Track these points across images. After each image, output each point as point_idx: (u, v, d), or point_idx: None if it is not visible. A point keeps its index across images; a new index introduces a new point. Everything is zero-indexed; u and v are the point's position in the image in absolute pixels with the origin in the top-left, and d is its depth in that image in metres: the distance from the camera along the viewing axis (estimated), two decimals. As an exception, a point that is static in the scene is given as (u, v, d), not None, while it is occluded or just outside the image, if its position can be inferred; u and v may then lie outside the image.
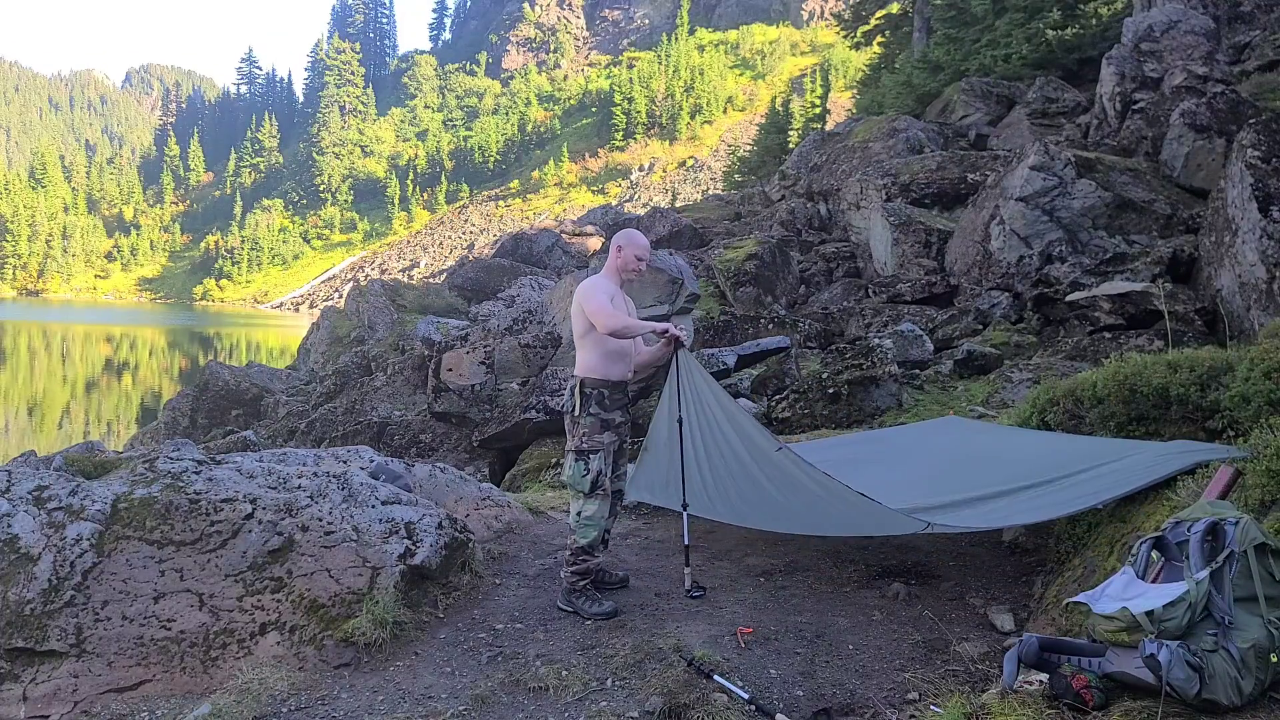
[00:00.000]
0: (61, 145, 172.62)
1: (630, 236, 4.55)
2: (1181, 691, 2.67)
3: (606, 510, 4.44)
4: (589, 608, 4.35)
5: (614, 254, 4.52)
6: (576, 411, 4.38)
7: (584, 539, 4.40)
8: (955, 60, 24.32)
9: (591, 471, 4.35)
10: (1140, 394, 4.75)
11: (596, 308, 4.27)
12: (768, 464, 4.72)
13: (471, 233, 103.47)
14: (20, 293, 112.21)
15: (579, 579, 4.42)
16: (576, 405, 4.38)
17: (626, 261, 4.48)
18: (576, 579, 4.41)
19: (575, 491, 4.42)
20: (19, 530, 4.08)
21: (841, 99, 65.91)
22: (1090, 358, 9.12)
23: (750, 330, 13.05)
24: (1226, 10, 17.43)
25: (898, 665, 3.80)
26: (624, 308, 4.44)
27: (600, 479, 4.37)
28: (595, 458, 4.36)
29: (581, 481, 4.36)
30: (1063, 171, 12.43)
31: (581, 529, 4.40)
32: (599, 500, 4.39)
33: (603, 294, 4.35)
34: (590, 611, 4.33)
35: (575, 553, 4.42)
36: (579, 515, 4.41)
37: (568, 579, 4.44)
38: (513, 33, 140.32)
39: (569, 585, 4.43)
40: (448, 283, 25.51)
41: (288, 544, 4.29)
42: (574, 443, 4.40)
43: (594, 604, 4.37)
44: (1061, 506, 4.17)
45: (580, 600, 4.38)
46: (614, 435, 4.44)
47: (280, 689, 3.73)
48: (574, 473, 4.39)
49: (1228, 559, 2.79)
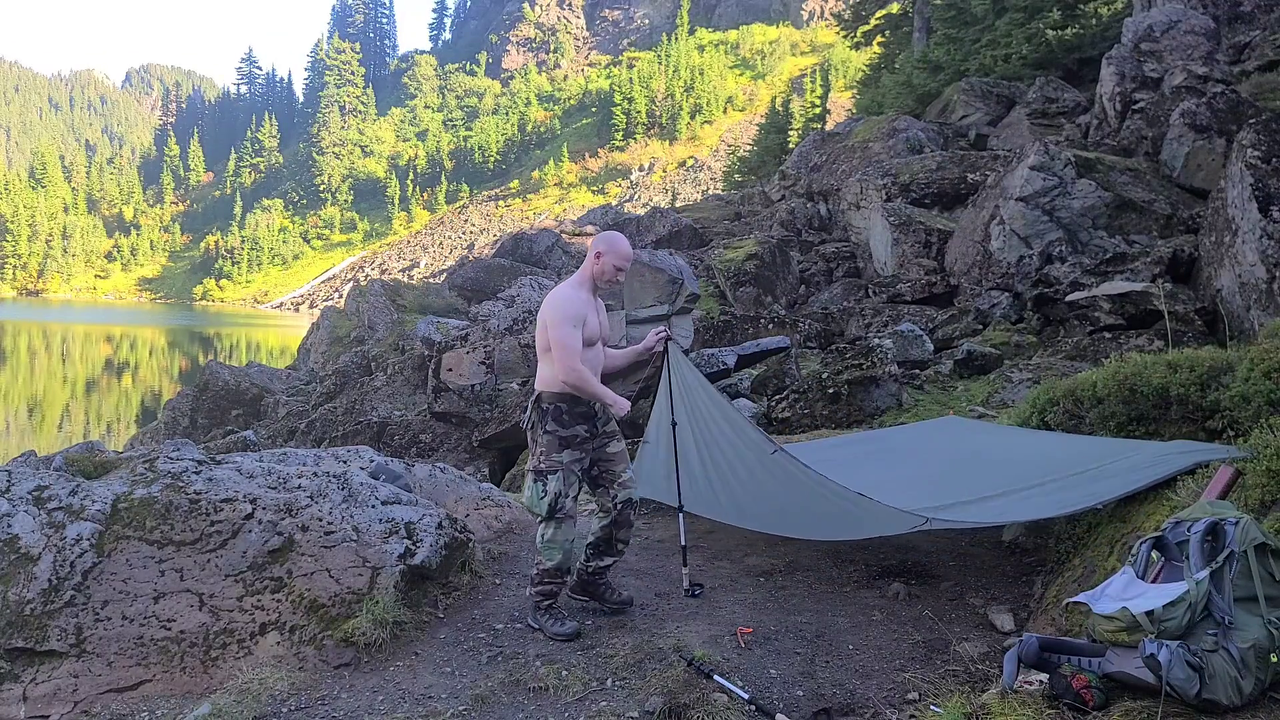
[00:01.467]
0: (61, 145, 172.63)
1: (612, 243, 4.17)
2: (1181, 691, 2.67)
3: (571, 533, 4.16)
4: (551, 626, 4.18)
5: (591, 259, 4.15)
6: (534, 428, 4.13)
7: (550, 561, 4.15)
8: (955, 60, 24.33)
9: (549, 493, 4.05)
10: (1140, 394, 4.75)
11: (560, 340, 3.97)
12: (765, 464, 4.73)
13: (471, 233, 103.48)
14: (20, 293, 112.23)
15: (542, 598, 4.23)
16: (534, 421, 4.13)
17: (604, 270, 4.13)
18: (540, 598, 4.23)
19: (536, 517, 4.17)
20: (19, 530, 4.08)
21: (841, 99, 65.92)
22: (1090, 358, 9.12)
23: (750, 330, 13.06)
24: (1226, 10, 17.43)
25: (898, 665, 3.80)
26: (595, 324, 4.15)
27: (560, 501, 4.08)
28: (553, 479, 4.06)
29: (539, 504, 4.09)
30: (1063, 171, 12.43)
31: (545, 550, 4.15)
32: (560, 523, 4.11)
33: (569, 321, 3.99)
34: (552, 630, 4.15)
35: (542, 573, 4.20)
36: (542, 537, 4.15)
37: (532, 596, 4.26)
38: (513, 33, 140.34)
39: (534, 603, 4.27)
40: (448, 283, 25.51)
41: (288, 544, 4.29)
42: (532, 462, 4.15)
43: (557, 623, 4.19)
44: (1061, 506, 4.17)
45: (544, 619, 4.22)
46: (577, 453, 4.11)
47: (280, 689, 3.73)
48: (532, 495, 4.12)
49: (1228, 559, 2.79)
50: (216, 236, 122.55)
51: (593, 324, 4.13)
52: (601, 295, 4.31)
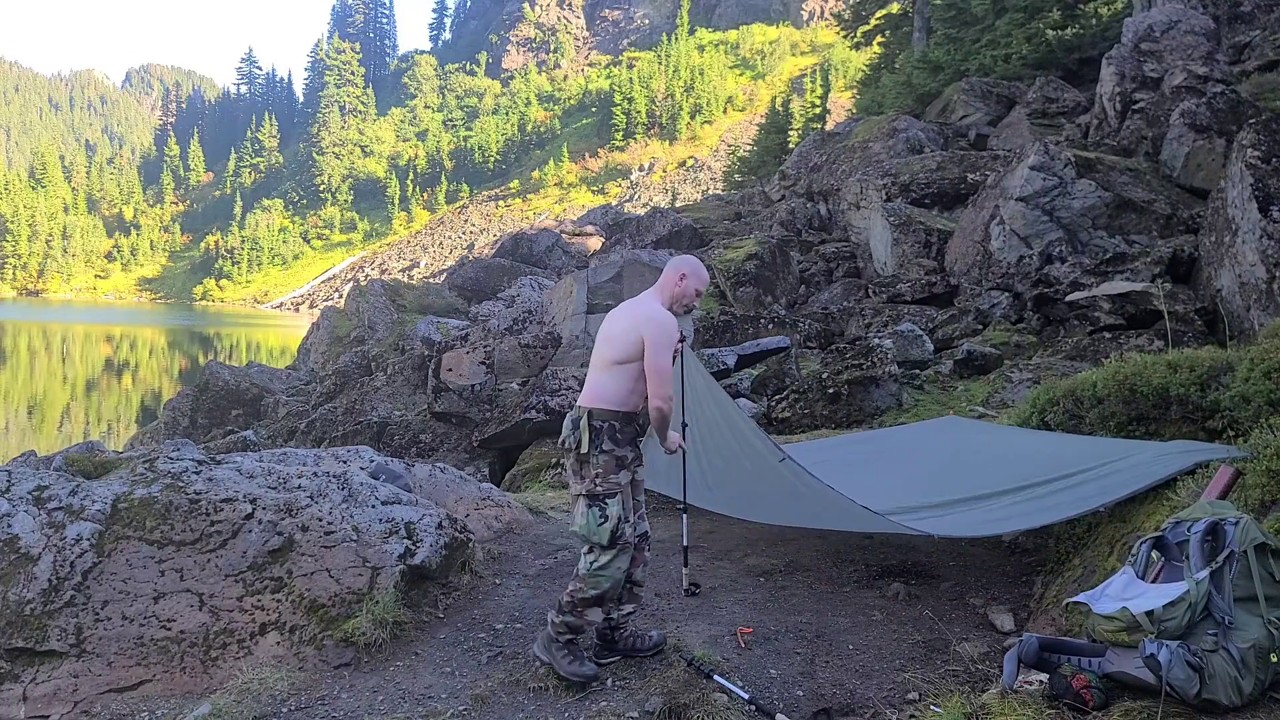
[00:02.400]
0: (61, 145, 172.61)
1: (696, 267, 3.96)
2: (1181, 691, 2.67)
3: (626, 563, 3.75)
4: (569, 664, 3.70)
5: (674, 280, 3.89)
6: (584, 448, 3.67)
7: (593, 589, 3.68)
8: (955, 60, 24.32)
9: (610, 519, 3.64)
10: (1140, 394, 4.75)
11: (663, 365, 3.68)
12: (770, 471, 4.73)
13: (471, 233, 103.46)
14: (20, 293, 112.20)
15: (567, 631, 3.74)
16: (584, 440, 3.68)
17: (685, 293, 3.90)
18: (565, 630, 3.74)
19: (591, 543, 3.72)
20: (19, 530, 4.08)
21: (841, 99, 65.90)
22: (1090, 358, 9.12)
23: (750, 330, 13.06)
24: (1226, 10, 17.43)
25: (898, 665, 3.80)
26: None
27: (620, 527, 3.66)
28: (613, 503, 3.65)
29: (599, 532, 3.64)
30: (1063, 171, 12.44)
31: (593, 578, 3.68)
32: (619, 552, 3.69)
33: (670, 347, 3.72)
34: (569, 669, 3.69)
35: (579, 602, 3.70)
36: (593, 564, 3.69)
37: (554, 625, 3.74)
38: (513, 33, 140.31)
39: (553, 633, 3.76)
40: (448, 283, 25.53)
41: (288, 544, 4.29)
42: (585, 485, 3.68)
43: (576, 661, 3.71)
44: (1063, 510, 4.17)
45: (560, 654, 3.73)
46: (628, 474, 3.77)
47: (280, 689, 3.73)
48: (589, 522, 3.66)
49: (1228, 559, 2.79)
50: (216, 236, 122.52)
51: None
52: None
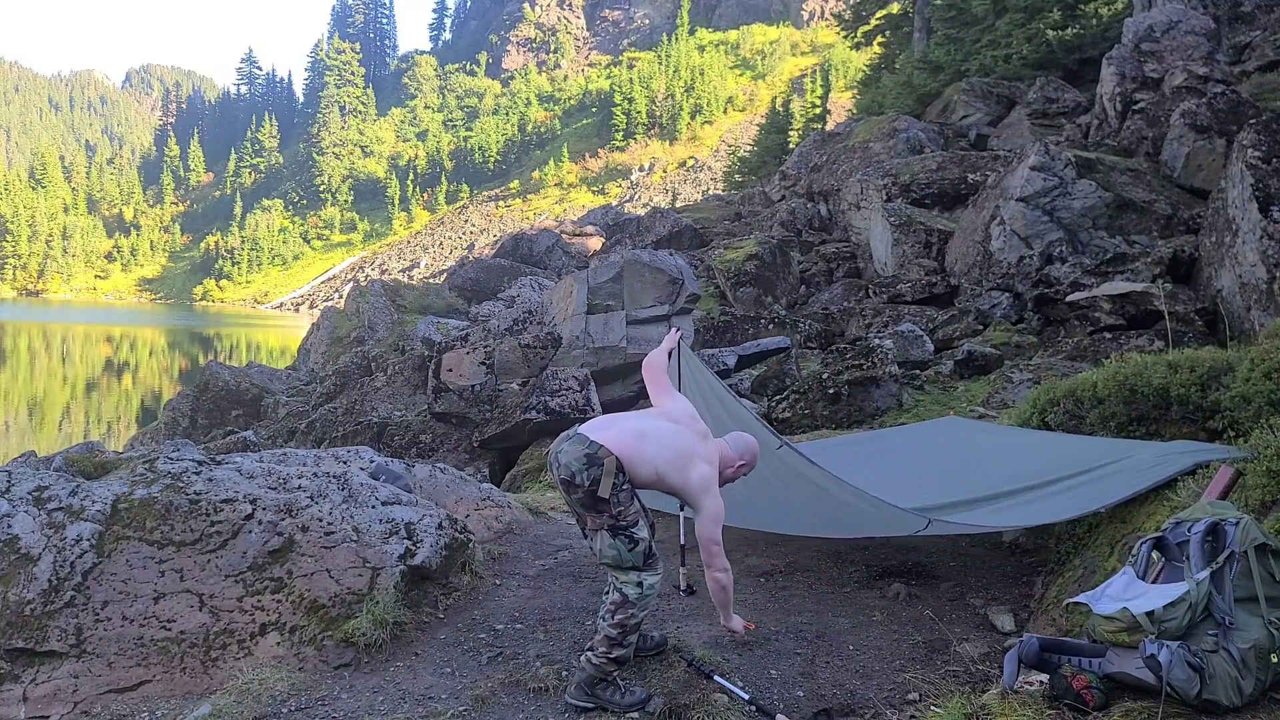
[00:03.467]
0: (61, 145, 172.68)
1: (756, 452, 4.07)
2: (1182, 692, 2.67)
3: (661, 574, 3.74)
4: (622, 698, 3.54)
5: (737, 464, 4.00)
6: (604, 492, 3.59)
7: (642, 611, 3.61)
8: (955, 60, 24.32)
9: (641, 543, 3.61)
10: (1140, 394, 4.75)
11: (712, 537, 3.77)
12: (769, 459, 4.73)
13: (471, 233, 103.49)
14: (20, 293, 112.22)
15: (615, 667, 3.56)
16: (605, 485, 3.59)
17: (738, 475, 4.03)
18: (613, 666, 3.56)
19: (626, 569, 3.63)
20: (19, 530, 4.08)
21: (841, 99, 65.89)
22: (1090, 358, 9.12)
23: (750, 330, 13.07)
24: (1227, 10, 17.43)
25: (898, 666, 3.80)
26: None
27: (651, 545, 3.66)
28: (639, 528, 3.63)
29: (632, 556, 3.61)
30: (1063, 172, 12.44)
31: (642, 600, 3.60)
32: (655, 568, 3.68)
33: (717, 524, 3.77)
34: (625, 703, 3.53)
35: (626, 629, 3.56)
36: (640, 585, 3.60)
37: (600, 666, 3.55)
38: (513, 33, 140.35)
39: (599, 674, 3.56)
40: (448, 283, 25.52)
41: (288, 544, 4.29)
42: (606, 520, 3.61)
43: (626, 693, 3.57)
44: (1063, 510, 4.17)
45: (607, 692, 3.55)
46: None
47: (280, 689, 3.73)
48: (619, 552, 3.60)
49: (1228, 559, 2.79)
50: (216, 237, 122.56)
51: None
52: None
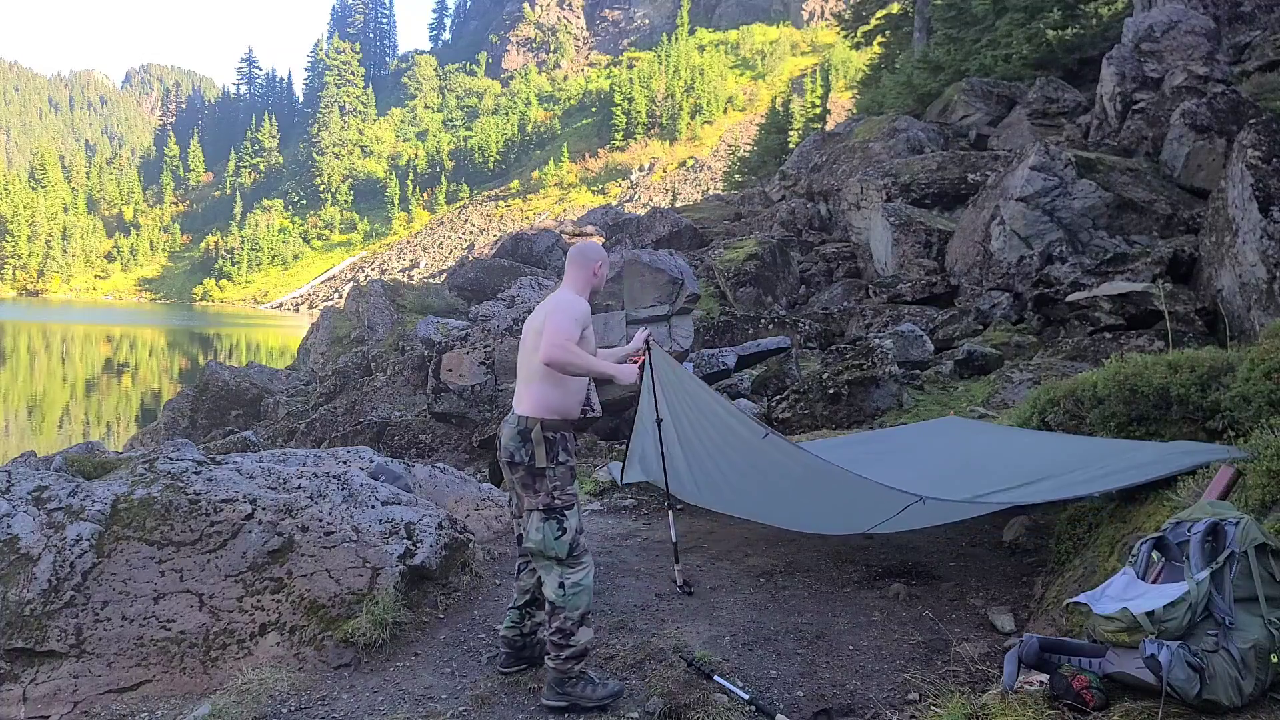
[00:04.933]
0: (61, 145, 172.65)
1: (602, 252, 3.89)
2: (1182, 692, 2.67)
3: (592, 571, 3.66)
4: (593, 692, 3.53)
5: (590, 271, 3.81)
6: (540, 462, 3.55)
7: (576, 610, 3.54)
8: (955, 60, 24.31)
9: (569, 531, 3.55)
10: (1141, 394, 4.75)
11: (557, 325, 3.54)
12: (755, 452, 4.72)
13: (471, 233, 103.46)
14: (20, 293, 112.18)
15: (574, 663, 3.55)
16: (540, 454, 3.55)
17: (602, 280, 3.88)
18: (572, 664, 3.54)
19: (548, 559, 3.58)
20: (19, 530, 4.07)
21: (841, 99, 65.88)
22: (1090, 358, 9.12)
23: (750, 330, 13.06)
24: (1227, 10, 17.43)
25: (898, 666, 3.80)
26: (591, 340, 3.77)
27: (577, 540, 3.59)
28: (571, 514, 3.58)
29: (558, 545, 3.53)
30: (1063, 171, 12.43)
31: (572, 599, 3.54)
32: (581, 558, 3.60)
33: (577, 322, 3.61)
34: (597, 696, 3.52)
35: (565, 633, 3.52)
36: (562, 585, 3.54)
37: (558, 668, 3.54)
38: (513, 33, 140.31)
39: (561, 674, 3.54)
40: (448, 283, 25.49)
41: (288, 544, 4.29)
42: (540, 499, 3.56)
43: (596, 687, 3.55)
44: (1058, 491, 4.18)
45: (579, 688, 3.54)
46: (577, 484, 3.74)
47: (280, 689, 3.72)
48: (545, 536, 3.54)
49: (1228, 559, 2.79)
50: (216, 237, 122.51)
51: (592, 338, 3.76)
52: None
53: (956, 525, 5.70)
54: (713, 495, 5.37)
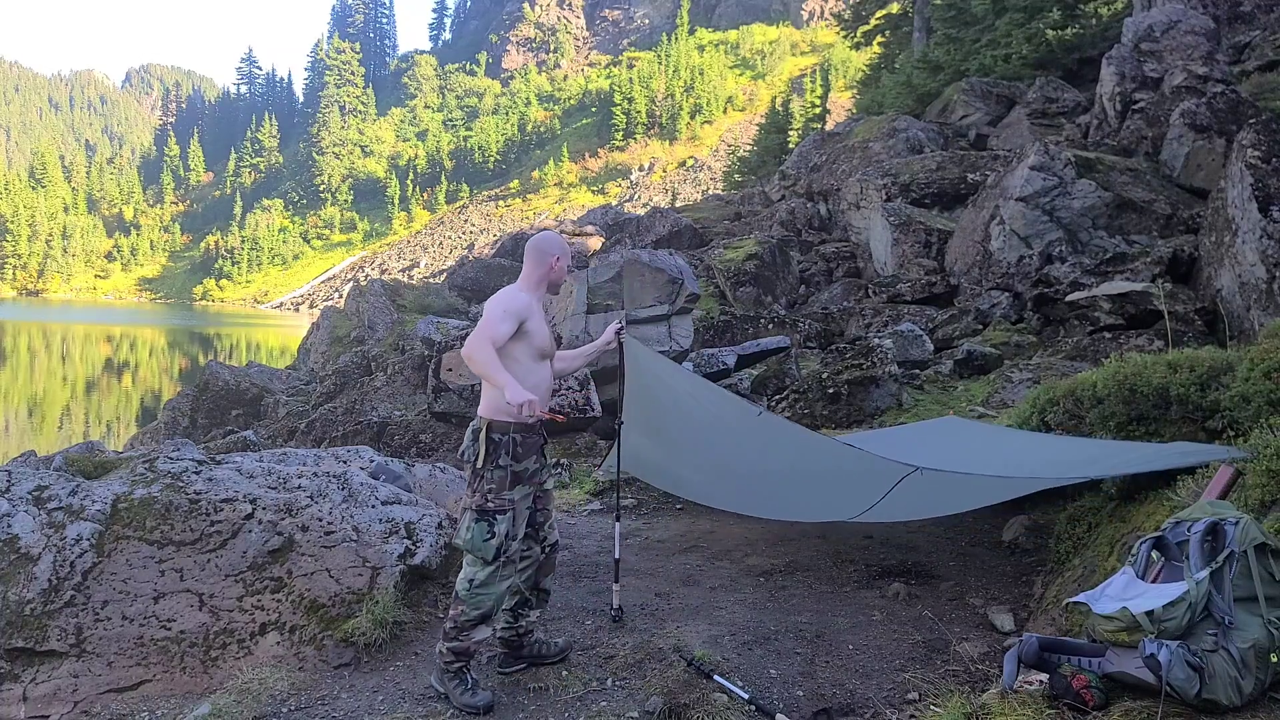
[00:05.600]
0: (61, 145, 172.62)
1: (564, 245, 3.82)
2: (1181, 691, 2.67)
3: (508, 580, 3.63)
4: (462, 695, 3.55)
5: (548, 264, 3.73)
6: (480, 462, 3.56)
7: (476, 610, 3.54)
8: (955, 60, 24.31)
9: (497, 535, 3.52)
10: (1140, 394, 4.75)
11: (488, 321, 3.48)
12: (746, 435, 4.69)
13: (471, 233, 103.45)
14: (20, 293, 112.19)
15: (456, 658, 3.58)
16: (480, 454, 3.56)
17: (561, 272, 3.78)
18: (454, 658, 3.58)
19: (474, 558, 3.58)
20: (19, 530, 4.08)
21: (841, 99, 65.88)
22: (1090, 358, 9.12)
23: (750, 330, 13.06)
24: (1226, 10, 17.43)
25: (898, 665, 3.80)
26: (547, 333, 3.70)
27: (506, 545, 3.55)
28: (503, 519, 3.54)
29: (484, 547, 3.52)
30: (1063, 171, 12.43)
31: (474, 597, 3.54)
32: (500, 568, 3.57)
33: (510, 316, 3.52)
34: (461, 700, 3.53)
35: (460, 626, 3.55)
36: (472, 582, 3.55)
37: (442, 655, 3.60)
38: (513, 33, 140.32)
39: (442, 664, 3.61)
40: (448, 283, 25.52)
41: (288, 544, 4.29)
42: (475, 499, 3.57)
43: (469, 691, 3.55)
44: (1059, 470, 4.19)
45: (453, 683, 3.58)
46: (528, 488, 3.65)
47: (280, 689, 3.73)
48: (474, 536, 3.54)
49: (1228, 559, 2.78)
50: (216, 236, 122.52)
51: (545, 334, 3.68)
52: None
53: (956, 525, 5.71)
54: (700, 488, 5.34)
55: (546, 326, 3.72)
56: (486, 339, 3.43)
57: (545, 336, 3.67)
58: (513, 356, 3.55)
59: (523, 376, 3.52)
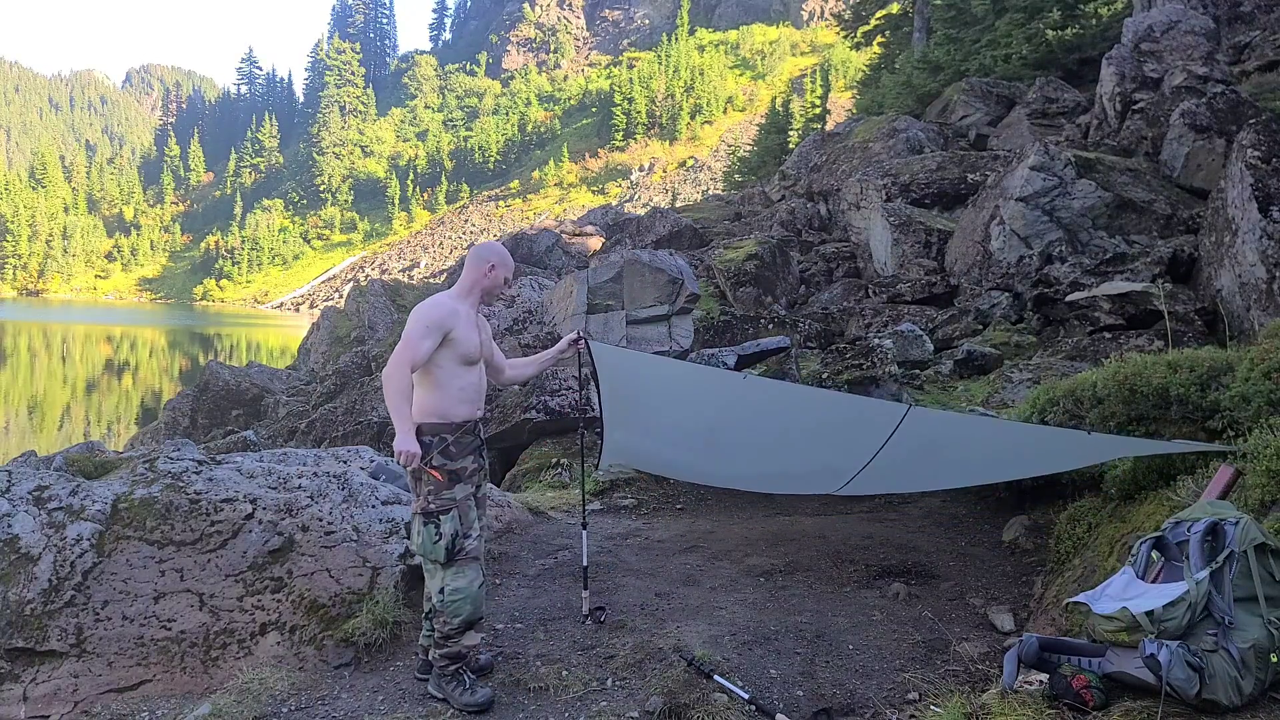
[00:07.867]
0: (61, 145, 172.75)
1: (504, 255, 3.82)
2: (1181, 691, 2.67)
3: (477, 577, 3.65)
4: (461, 695, 3.60)
5: (483, 271, 3.75)
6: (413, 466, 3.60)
7: (456, 616, 3.60)
8: (955, 60, 24.31)
9: (444, 536, 3.56)
10: (1140, 394, 4.75)
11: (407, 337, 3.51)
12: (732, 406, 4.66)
13: (472, 233, 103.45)
14: (20, 293, 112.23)
15: (451, 663, 3.65)
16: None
17: (496, 282, 3.79)
18: (449, 663, 3.64)
19: (431, 563, 3.63)
20: (19, 530, 4.08)
21: (841, 99, 65.89)
22: (1090, 358, 9.12)
23: (750, 330, 13.06)
24: (1226, 10, 17.43)
25: (898, 665, 3.80)
26: (476, 341, 3.70)
27: (458, 542, 3.59)
28: (447, 519, 3.57)
29: (435, 549, 3.57)
30: (1063, 171, 12.43)
31: (451, 605, 3.59)
32: (463, 566, 3.61)
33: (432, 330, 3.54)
34: (462, 700, 3.59)
35: (447, 635, 3.62)
36: (442, 592, 3.60)
37: (437, 661, 3.68)
38: (513, 33, 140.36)
39: (439, 669, 3.68)
40: (448, 283, 25.53)
41: (288, 544, 4.30)
42: (420, 503, 3.62)
43: (468, 691, 3.62)
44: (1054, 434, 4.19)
45: (451, 686, 3.64)
46: (469, 486, 3.67)
47: (280, 689, 3.73)
48: (424, 540, 3.58)
49: (1228, 559, 2.79)
50: (216, 236, 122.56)
51: (473, 341, 3.67)
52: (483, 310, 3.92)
53: (956, 525, 5.71)
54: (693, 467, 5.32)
55: (476, 333, 3.72)
56: (405, 362, 3.48)
57: (473, 344, 3.68)
58: (436, 363, 3.59)
59: (447, 381, 3.61)
